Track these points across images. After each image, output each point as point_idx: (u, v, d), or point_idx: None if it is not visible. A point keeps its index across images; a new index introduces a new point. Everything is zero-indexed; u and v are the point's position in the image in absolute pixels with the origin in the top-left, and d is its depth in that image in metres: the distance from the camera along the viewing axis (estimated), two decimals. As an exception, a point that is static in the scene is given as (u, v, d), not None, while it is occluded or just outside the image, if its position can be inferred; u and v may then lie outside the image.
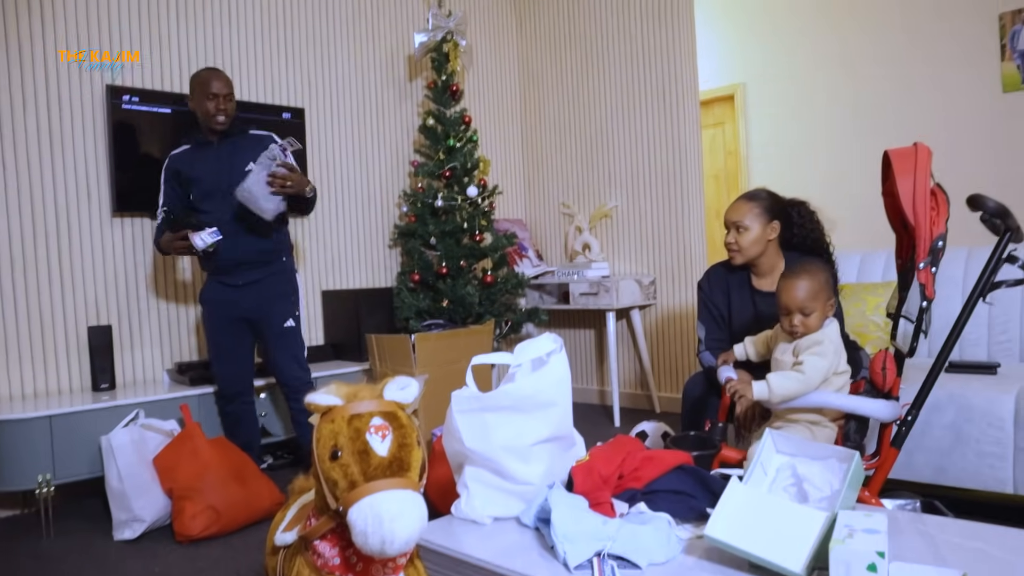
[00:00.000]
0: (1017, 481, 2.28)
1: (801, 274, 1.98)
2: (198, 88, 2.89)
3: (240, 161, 2.89)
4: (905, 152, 1.84)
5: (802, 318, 1.96)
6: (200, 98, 2.88)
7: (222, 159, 2.93)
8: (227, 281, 2.95)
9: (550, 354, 1.69)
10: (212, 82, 2.88)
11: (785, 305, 1.99)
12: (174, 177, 2.96)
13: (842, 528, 1.23)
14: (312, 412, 1.26)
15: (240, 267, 2.93)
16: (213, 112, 2.88)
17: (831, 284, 2.03)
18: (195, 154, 2.95)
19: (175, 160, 2.97)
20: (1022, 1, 3.98)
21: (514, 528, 1.63)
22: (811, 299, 1.94)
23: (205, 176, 2.91)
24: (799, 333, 1.98)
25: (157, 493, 2.66)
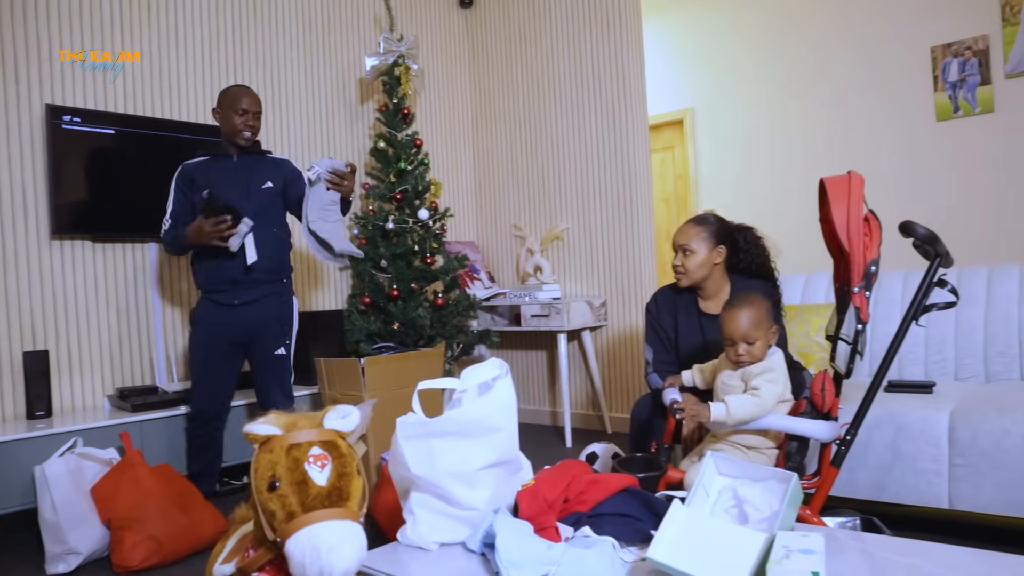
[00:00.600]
0: (952, 496, 2.35)
1: (743, 305, 2.02)
2: (227, 102, 2.93)
3: (258, 178, 2.96)
4: (839, 180, 1.90)
5: (747, 347, 2.00)
6: (228, 112, 2.92)
7: (240, 173, 2.96)
8: (222, 300, 2.90)
9: (495, 379, 1.69)
10: (243, 98, 2.92)
11: (729, 336, 2.03)
12: (187, 184, 2.93)
13: (779, 549, 1.26)
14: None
15: (237, 286, 2.89)
16: (240, 127, 2.92)
17: (773, 312, 2.08)
18: (212, 165, 2.96)
19: (190, 168, 2.96)
20: (952, 35, 4.16)
21: (460, 554, 1.62)
22: (754, 328, 1.99)
23: (221, 186, 2.89)
24: (745, 362, 2.03)
25: (94, 524, 2.57)
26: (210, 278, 2.92)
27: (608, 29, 4.32)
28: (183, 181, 2.95)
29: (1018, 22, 3.93)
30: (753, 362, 2.03)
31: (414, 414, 1.68)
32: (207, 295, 2.93)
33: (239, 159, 2.98)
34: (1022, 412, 2.27)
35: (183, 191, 2.94)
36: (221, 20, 3.79)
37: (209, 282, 2.92)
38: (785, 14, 4.89)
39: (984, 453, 2.28)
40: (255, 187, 2.94)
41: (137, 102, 3.45)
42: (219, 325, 2.91)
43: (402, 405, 1.72)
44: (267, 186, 3.00)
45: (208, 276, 2.92)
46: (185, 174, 2.95)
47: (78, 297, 3.26)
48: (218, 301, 2.91)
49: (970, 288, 2.88)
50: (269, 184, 3.01)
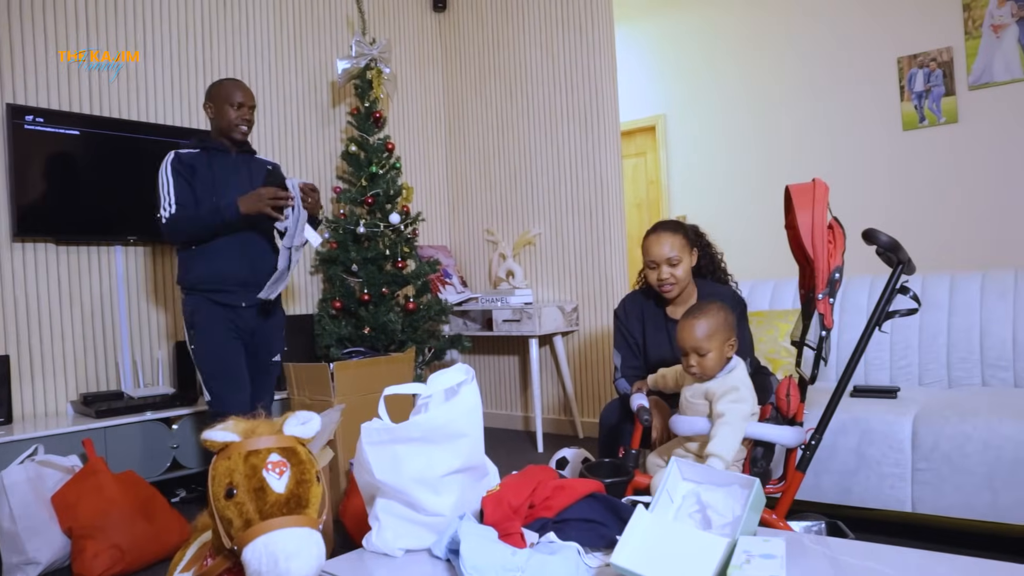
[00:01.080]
0: (915, 500, 2.38)
1: (699, 315, 2.00)
2: (220, 96, 2.79)
3: (259, 178, 2.83)
4: (804, 188, 1.92)
5: (698, 358, 1.99)
6: (222, 106, 2.78)
7: (241, 169, 2.84)
8: (226, 301, 2.72)
9: (461, 384, 1.68)
10: (237, 91, 2.79)
11: (681, 345, 2.01)
12: (187, 172, 2.73)
13: (740, 554, 1.26)
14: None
15: (247, 287, 2.73)
16: (236, 122, 2.79)
17: (731, 324, 2.04)
18: (211, 158, 2.79)
19: (187, 157, 2.76)
20: (918, 47, 4.23)
21: (425, 560, 1.61)
22: (707, 340, 1.97)
23: (229, 183, 2.76)
24: (695, 374, 2.02)
25: (55, 533, 2.52)
26: (212, 277, 2.71)
27: (581, 35, 4.34)
28: (183, 168, 2.72)
29: (980, 35, 4.02)
30: (704, 374, 2.01)
31: (380, 420, 1.67)
32: (207, 295, 2.71)
33: (237, 156, 2.86)
34: (983, 417, 2.31)
35: (184, 178, 2.71)
36: (190, 21, 3.75)
37: (210, 281, 2.71)
38: (756, 24, 4.95)
39: (946, 457, 2.32)
40: (256, 185, 2.79)
41: (103, 103, 3.40)
42: (225, 322, 2.72)
43: (372, 410, 1.70)
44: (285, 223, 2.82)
45: (209, 275, 2.71)
46: (184, 161, 2.73)
47: (40, 300, 3.20)
48: (221, 302, 2.72)
49: (934, 295, 2.93)
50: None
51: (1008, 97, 3.97)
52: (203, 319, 2.71)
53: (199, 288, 2.72)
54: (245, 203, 2.64)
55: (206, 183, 2.73)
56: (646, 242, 2.40)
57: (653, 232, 2.40)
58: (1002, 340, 2.75)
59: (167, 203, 2.70)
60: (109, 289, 3.39)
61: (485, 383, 4.84)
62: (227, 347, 2.73)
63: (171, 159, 2.74)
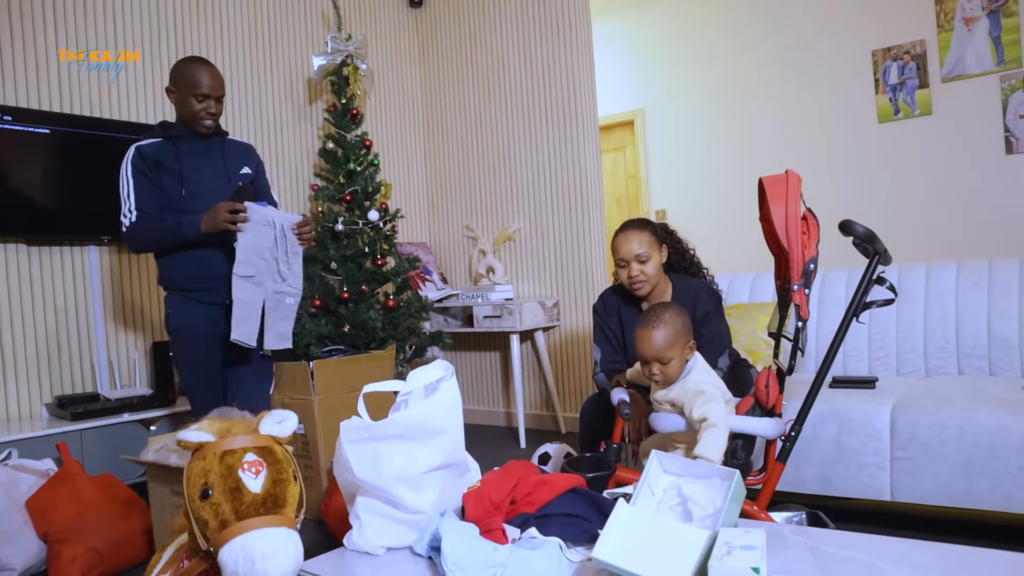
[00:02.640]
0: (894, 489, 2.41)
1: (657, 324, 1.98)
2: (184, 82, 2.50)
3: (234, 162, 2.62)
4: (777, 179, 1.93)
5: (660, 367, 1.98)
6: (185, 94, 2.50)
7: (213, 156, 2.59)
8: (206, 299, 2.54)
9: (440, 381, 1.67)
10: (202, 80, 2.49)
11: (642, 355, 2.00)
12: (152, 169, 2.48)
13: (721, 546, 1.27)
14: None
15: (226, 281, 2.50)
16: (201, 115, 2.52)
17: (689, 327, 2.03)
18: (178, 147, 2.53)
19: (150, 150, 2.50)
20: (891, 39, 4.27)
21: (407, 558, 1.60)
22: (667, 348, 1.96)
23: (199, 172, 2.53)
24: (659, 382, 2.01)
25: (30, 538, 2.48)
26: (190, 275, 2.53)
27: (558, 31, 4.33)
28: (146, 165, 2.49)
29: (952, 28, 4.06)
30: (667, 381, 2.00)
31: (359, 418, 1.65)
32: (186, 294, 2.55)
33: (208, 140, 2.61)
34: (959, 406, 2.33)
35: (148, 177, 2.49)
36: (163, 17, 3.70)
37: (188, 279, 2.54)
38: (731, 17, 4.97)
39: (923, 446, 2.34)
40: (233, 172, 2.61)
41: (73, 101, 3.34)
42: (206, 326, 2.55)
43: (352, 408, 1.69)
44: (245, 171, 2.67)
45: (188, 272, 2.53)
46: (147, 157, 2.49)
47: (12, 302, 3.14)
48: (201, 300, 2.54)
49: (910, 285, 2.96)
50: (246, 169, 2.68)
51: (980, 89, 4.02)
52: (183, 323, 2.56)
53: (181, 288, 2.56)
54: (206, 221, 2.45)
55: (173, 176, 2.52)
56: (615, 241, 2.41)
57: (621, 231, 2.42)
58: (977, 329, 2.79)
59: (127, 208, 2.50)
60: (83, 289, 3.34)
61: (467, 379, 4.83)
62: (207, 353, 2.57)
63: (131, 156, 2.52)
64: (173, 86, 2.55)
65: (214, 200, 2.47)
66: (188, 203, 2.50)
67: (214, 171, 2.58)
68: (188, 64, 2.55)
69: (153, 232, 2.49)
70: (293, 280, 2.56)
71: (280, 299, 2.55)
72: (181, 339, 2.58)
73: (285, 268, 2.53)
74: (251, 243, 2.44)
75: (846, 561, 1.40)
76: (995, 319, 2.76)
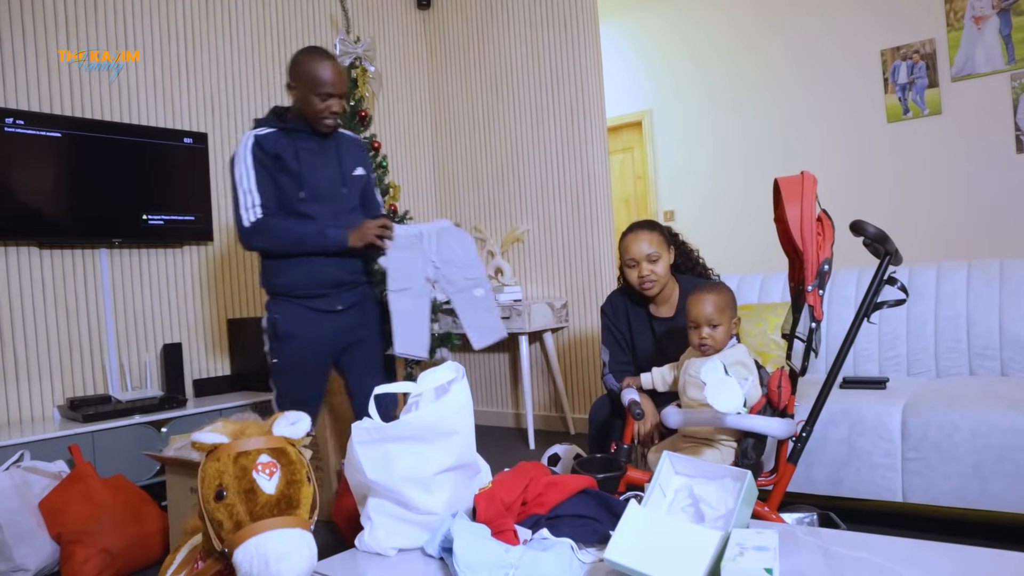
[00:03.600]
0: (906, 490, 2.40)
1: (709, 290, 2.11)
2: (305, 79, 2.31)
3: (349, 162, 2.47)
4: (793, 180, 1.93)
5: (710, 331, 2.06)
6: (307, 92, 2.32)
7: (329, 154, 2.42)
8: (322, 307, 2.38)
9: (451, 382, 1.68)
10: (327, 79, 2.30)
11: (694, 318, 2.08)
12: (272, 162, 2.31)
13: (734, 547, 1.26)
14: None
15: (341, 288, 2.41)
16: (323, 115, 2.34)
17: (735, 305, 2.13)
18: (296, 143, 2.36)
19: (268, 142, 2.32)
20: (901, 39, 4.26)
21: (419, 559, 1.60)
22: (719, 312, 2.06)
23: (319, 174, 2.37)
24: (708, 346, 2.07)
25: (43, 539, 2.50)
26: (306, 281, 2.37)
27: (566, 31, 4.34)
28: (266, 157, 2.31)
29: (962, 27, 4.04)
30: (716, 347, 2.08)
31: (370, 419, 1.66)
32: (298, 300, 2.37)
33: (324, 138, 2.43)
34: (970, 406, 2.32)
35: (267, 171, 2.31)
36: (172, 20, 3.72)
37: (303, 286, 2.37)
38: (739, 17, 4.96)
39: (935, 447, 2.33)
40: (348, 173, 2.45)
41: (85, 105, 3.36)
42: (317, 333, 2.39)
43: (360, 410, 1.70)
44: (358, 173, 2.51)
45: (303, 279, 2.36)
46: (265, 149, 2.31)
47: (24, 305, 3.16)
48: (317, 308, 2.38)
49: (920, 285, 2.94)
50: (360, 171, 2.52)
51: (990, 88, 4.00)
52: (292, 329, 2.37)
53: (293, 294, 2.37)
54: (354, 235, 2.33)
55: (292, 177, 2.34)
56: (624, 242, 2.42)
57: (630, 231, 2.43)
58: (988, 329, 2.77)
59: (250, 202, 2.30)
60: (95, 292, 3.36)
61: (476, 381, 4.83)
62: (314, 359, 2.41)
63: (250, 146, 2.32)
64: (293, 81, 2.36)
65: (326, 203, 2.37)
66: (303, 206, 2.35)
67: (331, 173, 2.41)
68: (310, 59, 2.33)
69: (286, 234, 2.32)
70: (471, 272, 2.49)
71: (466, 296, 2.48)
72: (288, 345, 2.38)
73: (450, 270, 2.46)
74: (402, 259, 2.37)
75: (858, 562, 1.40)
76: (1007, 319, 2.74)
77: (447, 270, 2.48)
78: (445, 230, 2.50)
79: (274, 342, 2.40)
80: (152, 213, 3.46)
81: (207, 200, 3.67)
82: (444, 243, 2.47)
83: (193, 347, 3.71)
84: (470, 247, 2.52)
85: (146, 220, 3.44)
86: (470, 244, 2.53)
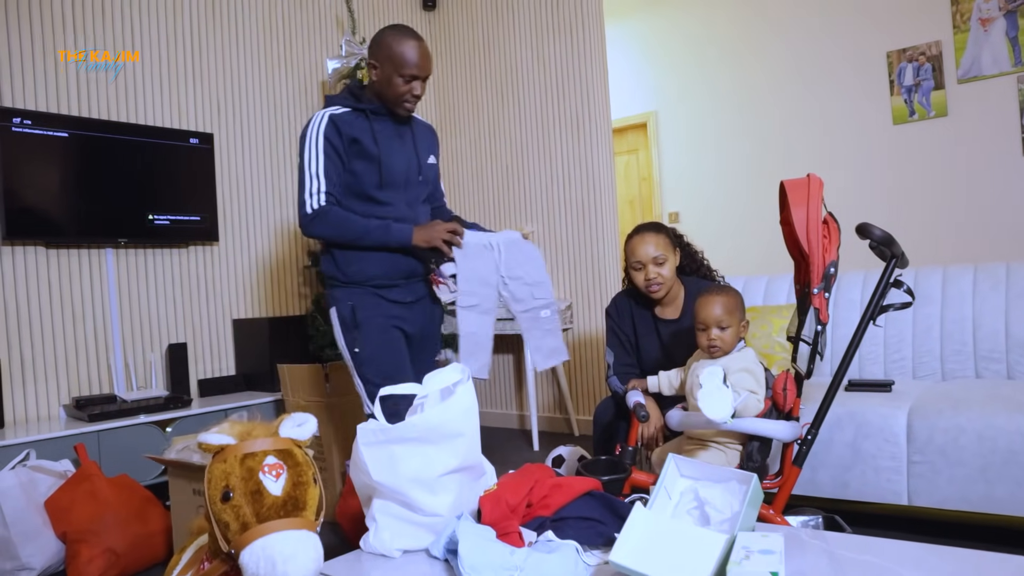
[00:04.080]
0: (911, 493, 2.39)
1: (718, 292, 2.10)
2: (391, 59, 2.16)
3: (424, 149, 2.34)
4: (799, 183, 1.92)
5: (719, 332, 2.05)
6: (391, 73, 2.16)
7: (406, 139, 2.29)
8: (395, 297, 2.27)
9: (457, 384, 1.68)
10: (414, 58, 2.16)
11: (703, 320, 2.07)
12: (349, 145, 2.17)
13: (739, 550, 1.26)
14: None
15: (412, 280, 2.30)
16: (405, 97, 2.20)
17: (744, 307, 2.13)
18: (373, 125, 2.21)
19: (346, 123, 2.18)
20: (907, 41, 4.25)
21: (423, 560, 1.60)
22: (728, 314, 2.05)
23: (396, 159, 2.23)
24: (717, 347, 2.06)
25: (49, 538, 2.51)
26: (382, 271, 2.24)
27: (571, 33, 4.34)
28: (341, 142, 2.17)
29: (968, 29, 4.03)
30: (725, 349, 2.07)
31: (375, 420, 1.66)
32: (373, 289, 2.24)
33: (400, 122, 2.30)
34: (976, 409, 2.31)
35: (340, 156, 2.17)
36: (179, 21, 3.73)
37: (379, 276, 2.24)
38: (746, 19, 4.95)
39: (940, 450, 2.33)
40: (423, 160, 2.31)
41: (92, 105, 3.38)
42: (394, 321, 2.27)
43: (365, 411, 1.70)
44: (431, 161, 2.38)
45: (379, 268, 2.23)
46: (342, 131, 2.17)
47: (31, 304, 3.17)
48: (389, 298, 2.25)
49: (926, 288, 2.94)
50: (432, 159, 2.39)
51: (996, 90, 3.99)
52: (370, 315, 2.24)
53: (367, 283, 2.25)
54: (420, 234, 2.21)
55: (370, 162, 2.20)
56: (630, 244, 2.41)
57: (636, 233, 2.41)
58: (994, 332, 2.76)
59: (315, 187, 2.17)
60: (100, 292, 3.37)
61: (480, 382, 4.83)
62: (399, 345, 2.28)
63: (323, 126, 2.17)
64: (375, 60, 2.20)
65: (400, 190, 2.25)
66: (380, 194, 2.23)
67: (408, 160, 2.27)
68: (397, 37, 2.18)
69: (349, 225, 2.18)
70: (540, 292, 2.35)
71: (533, 316, 2.35)
72: (370, 330, 2.23)
73: (518, 287, 2.32)
74: (471, 270, 2.25)
75: (864, 565, 1.39)
76: (1013, 322, 2.73)
77: (514, 286, 2.32)
78: (514, 242, 2.33)
79: (353, 331, 2.23)
80: (158, 213, 3.47)
81: (213, 200, 3.69)
82: (512, 257, 2.31)
83: (198, 347, 3.71)
84: (540, 264, 2.36)
85: (152, 220, 3.45)
86: (540, 260, 2.37)
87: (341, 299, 2.25)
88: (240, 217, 3.94)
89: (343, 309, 2.24)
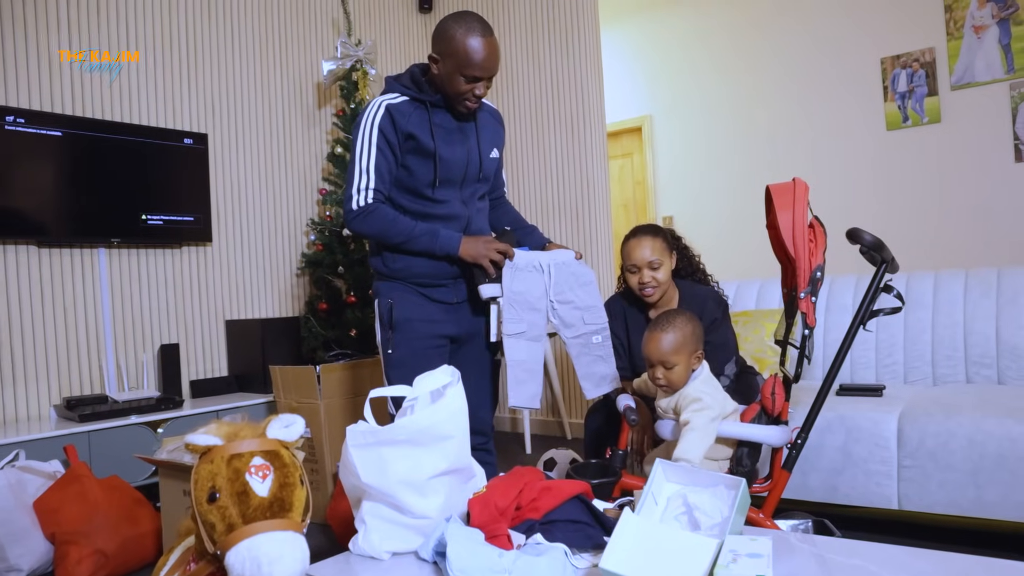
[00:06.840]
0: (901, 497, 2.40)
1: (667, 327, 1.97)
2: (455, 56, 2.00)
3: (486, 143, 2.20)
4: (784, 187, 1.93)
5: (664, 371, 1.98)
6: (454, 71, 2.01)
7: (467, 134, 2.16)
8: (440, 297, 2.16)
9: (446, 386, 1.68)
10: (479, 59, 2.00)
11: (647, 357, 2.01)
12: (404, 141, 2.05)
13: (727, 554, 1.26)
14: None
15: (460, 280, 2.18)
16: (467, 97, 2.06)
17: (699, 336, 2.01)
18: (432, 118, 2.08)
19: (401, 113, 2.05)
20: (900, 47, 4.26)
21: (412, 563, 1.60)
22: (674, 353, 1.96)
23: (454, 155, 2.11)
24: (663, 386, 2.01)
25: (38, 539, 2.50)
26: (428, 270, 2.13)
27: (566, 38, 4.34)
28: (396, 136, 2.04)
29: (962, 36, 4.05)
30: (671, 388, 1.99)
31: (365, 422, 1.66)
32: (417, 288, 2.15)
33: (465, 117, 2.16)
34: (967, 414, 2.32)
35: (393, 150, 2.05)
36: (174, 21, 3.73)
37: (424, 275, 2.14)
38: (740, 25, 4.97)
39: (931, 454, 2.33)
40: (485, 156, 2.18)
41: (85, 104, 3.37)
42: (435, 323, 2.16)
43: (358, 413, 1.70)
44: (493, 156, 2.24)
45: (425, 267, 2.13)
46: (398, 125, 2.03)
47: (22, 303, 3.16)
48: (434, 298, 2.15)
49: (918, 293, 2.95)
50: (495, 153, 2.25)
51: (989, 97, 4.00)
52: (410, 315, 2.14)
53: (411, 280, 2.15)
54: (467, 245, 2.09)
55: (426, 158, 2.08)
56: (626, 246, 2.39)
57: (633, 236, 2.40)
58: (985, 338, 2.78)
59: (362, 183, 2.05)
60: (93, 292, 3.36)
61: (473, 384, 4.83)
62: (435, 350, 2.16)
63: (379, 118, 2.04)
64: (439, 55, 2.04)
65: (460, 192, 2.15)
66: (434, 192, 2.11)
67: (467, 156, 2.14)
68: (464, 32, 2.01)
69: (394, 227, 2.07)
70: (591, 317, 2.22)
71: (584, 342, 2.22)
72: (405, 334, 2.14)
73: (567, 311, 2.20)
74: (518, 292, 2.12)
75: (852, 570, 1.40)
76: (1004, 328, 2.75)
77: (564, 311, 2.19)
78: (566, 264, 2.19)
79: (388, 331, 2.14)
80: (151, 213, 3.47)
81: (206, 201, 3.68)
82: (563, 279, 2.18)
83: (190, 348, 3.71)
84: (593, 287, 2.23)
85: (145, 220, 3.44)
86: (593, 284, 2.23)
87: (383, 293, 2.17)
88: (234, 218, 3.93)
89: (382, 305, 2.16)
